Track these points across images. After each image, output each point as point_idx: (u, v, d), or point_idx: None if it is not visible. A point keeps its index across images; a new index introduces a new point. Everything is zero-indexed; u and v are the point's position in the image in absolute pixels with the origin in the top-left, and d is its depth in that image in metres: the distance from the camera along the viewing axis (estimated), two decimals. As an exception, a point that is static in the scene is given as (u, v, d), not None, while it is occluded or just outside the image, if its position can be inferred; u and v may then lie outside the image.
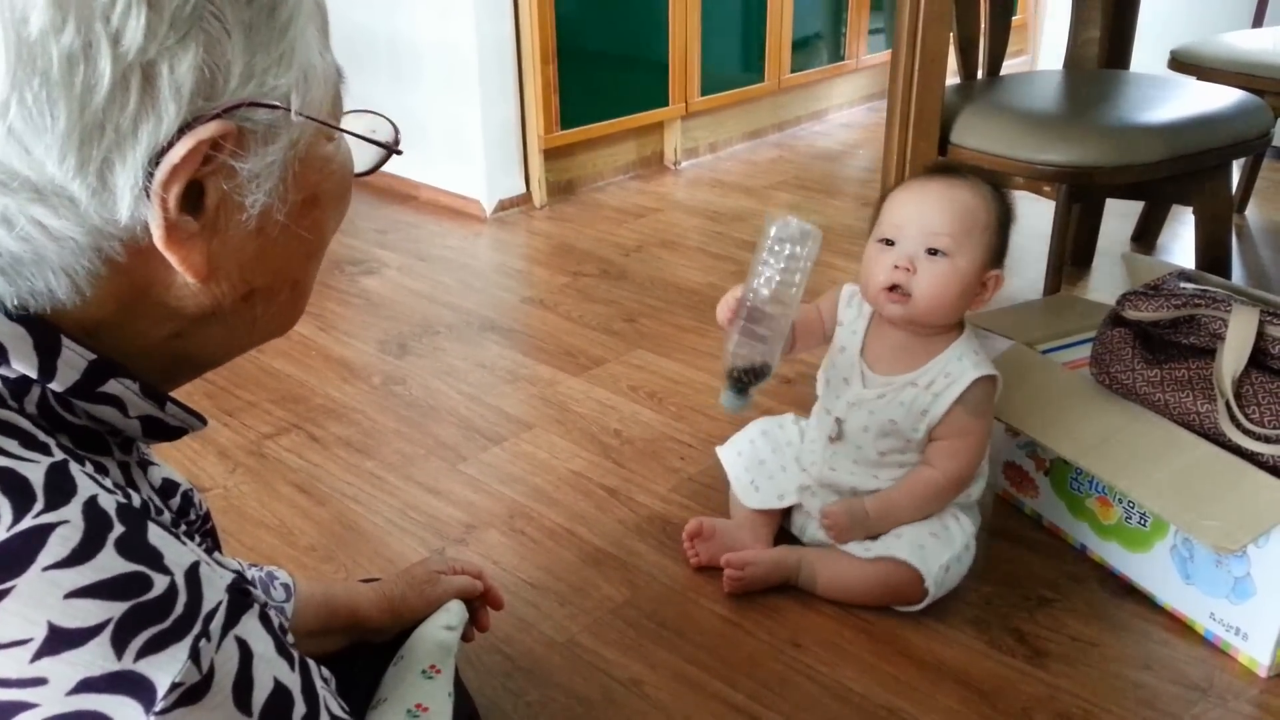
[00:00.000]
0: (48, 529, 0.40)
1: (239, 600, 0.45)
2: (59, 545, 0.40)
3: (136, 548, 0.42)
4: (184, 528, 0.51)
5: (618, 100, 2.74)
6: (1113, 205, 2.23)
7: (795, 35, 3.16)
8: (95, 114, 0.42)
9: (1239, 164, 2.33)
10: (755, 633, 1.17)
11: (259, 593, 0.48)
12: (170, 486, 0.59)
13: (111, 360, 0.48)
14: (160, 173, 0.44)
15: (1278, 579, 1.06)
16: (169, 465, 0.70)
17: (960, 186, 1.15)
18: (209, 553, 0.57)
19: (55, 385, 0.46)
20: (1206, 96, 1.73)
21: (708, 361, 1.81)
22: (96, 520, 0.41)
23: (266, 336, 0.55)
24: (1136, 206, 2.34)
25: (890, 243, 1.15)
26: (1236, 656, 1.12)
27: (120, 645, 0.39)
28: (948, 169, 1.22)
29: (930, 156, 1.73)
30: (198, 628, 0.42)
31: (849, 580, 1.19)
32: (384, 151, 0.57)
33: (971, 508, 1.24)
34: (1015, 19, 3.80)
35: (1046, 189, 1.69)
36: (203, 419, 0.54)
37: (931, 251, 1.12)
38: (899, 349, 1.19)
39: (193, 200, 0.46)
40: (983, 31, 1.88)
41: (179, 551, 0.43)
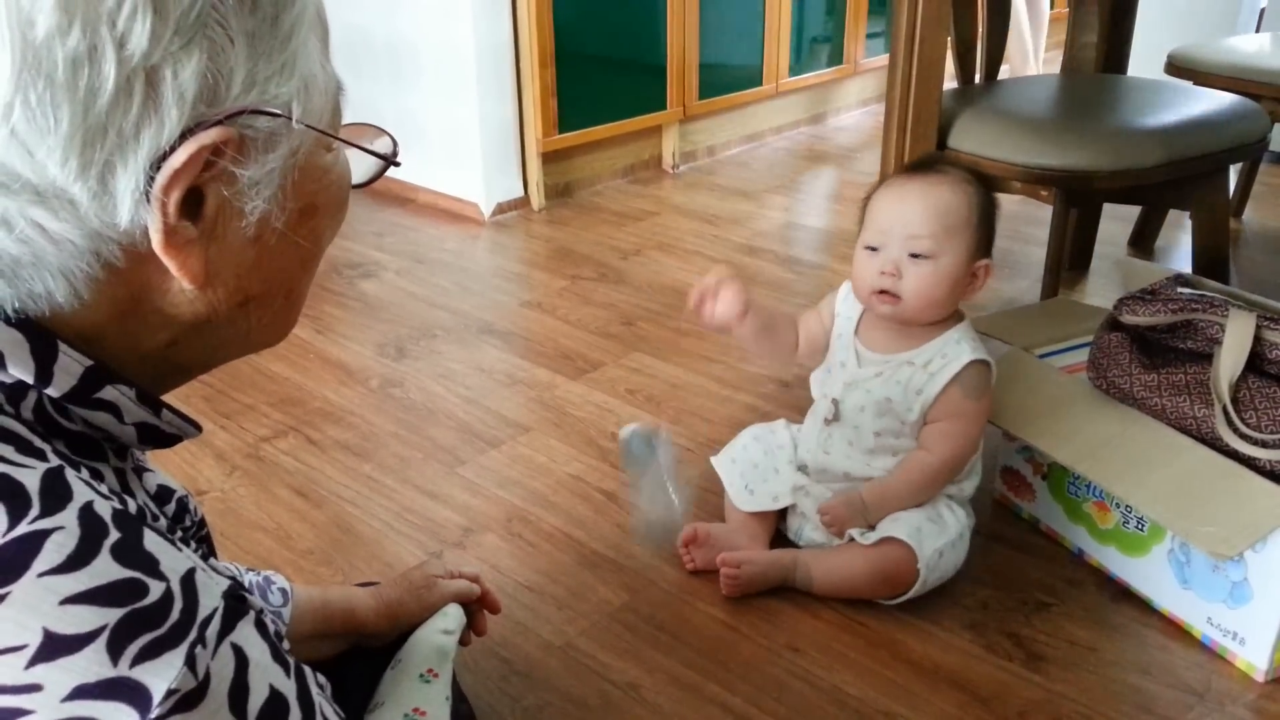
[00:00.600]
0: (43, 535, 0.40)
1: (235, 607, 0.45)
2: (54, 551, 0.40)
3: (132, 554, 0.42)
4: (179, 534, 0.51)
5: (616, 104, 2.75)
6: (1110, 209, 2.24)
7: (793, 39, 3.16)
8: (98, 117, 0.42)
9: (1236, 168, 2.34)
10: (752, 636, 1.17)
11: (255, 599, 0.48)
12: (165, 493, 0.59)
13: (108, 366, 0.48)
14: (161, 177, 0.44)
15: (1275, 583, 1.06)
16: (165, 469, 0.70)
17: (939, 184, 1.16)
18: (204, 559, 0.57)
19: (52, 391, 0.46)
20: (1204, 101, 1.73)
21: (706, 365, 1.81)
22: (92, 526, 0.41)
23: (260, 345, 0.55)
24: (1134, 211, 2.34)
25: (875, 248, 1.17)
26: (1234, 661, 1.12)
27: (116, 652, 0.39)
28: (927, 165, 1.21)
29: (928, 161, 1.73)
30: (193, 634, 0.42)
31: (844, 572, 1.20)
32: (382, 163, 0.58)
33: (965, 503, 1.24)
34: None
35: (1044, 193, 1.69)
36: (198, 426, 0.54)
37: (915, 255, 1.14)
38: (896, 330, 1.22)
39: (192, 206, 0.46)
40: (980, 35, 1.89)
41: (175, 557, 0.43)
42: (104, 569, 0.40)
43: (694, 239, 2.45)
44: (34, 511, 0.40)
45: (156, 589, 0.41)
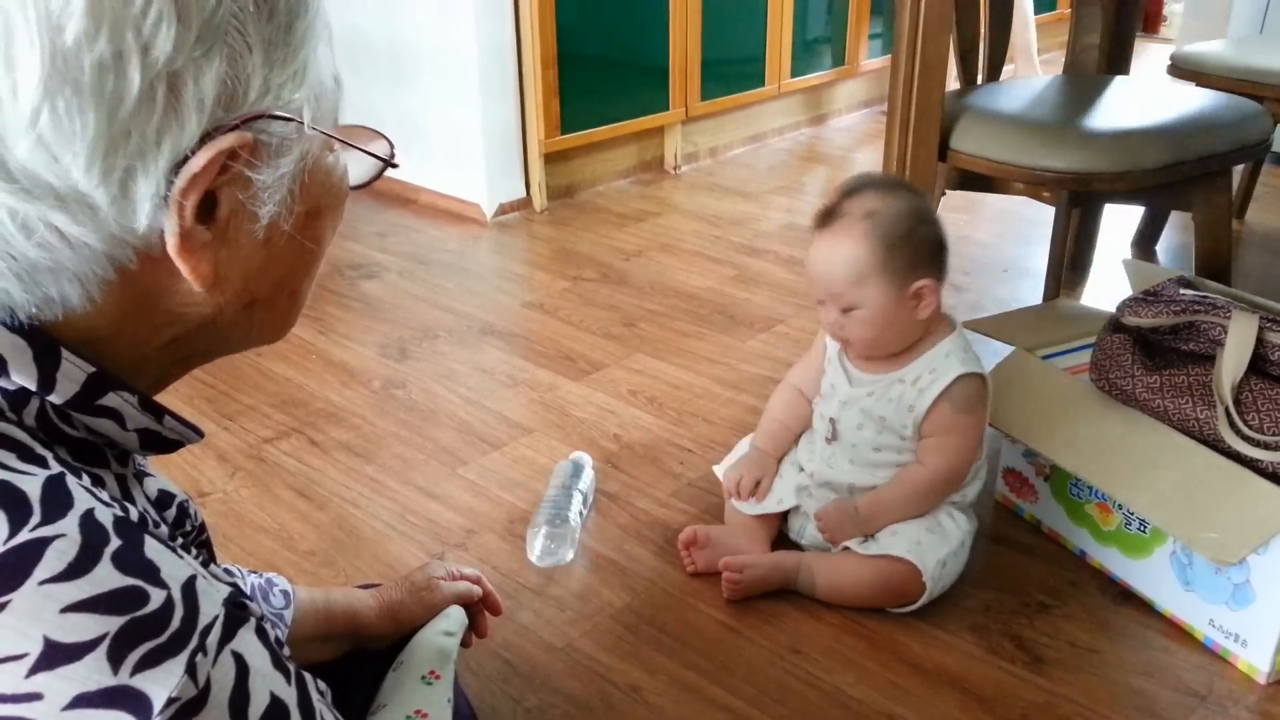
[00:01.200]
0: (44, 542, 0.40)
1: (236, 614, 0.45)
2: (55, 559, 0.40)
3: (133, 561, 0.42)
4: (180, 540, 0.51)
5: (618, 105, 2.75)
6: (1112, 211, 2.24)
7: (795, 40, 3.16)
8: (122, 123, 0.42)
9: (1239, 170, 2.33)
10: (755, 639, 1.17)
11: (256, 606, 0.48)
12: (166, 498, 0.59)
13: (110, 373, 0.48)
14: (180, 181, 0.44)
15: (1277, 586, 1.06)
16: (167, 470, 0.70)
17: (837, 237, 1.15)
18: (205, 564, 0.57)
19: (54, 398, 0.46)
20: (1206, 102, 1.73)
21: (707, 366, 1.81)
22: (93, 534, 0.41)
23: (259, 342, 0.56)
24: (1136, 212, 2.34)
25: (822, 301, 1.19)
26: (1235, 663, 1.12)
27: (116, 660, 0.39)
28: (833, 212, 1.17)
29: (930, 162, 1.73)
30: (194, 642, 0.41)
31: (848, 580, 1.19)
32: (378, 165, 0.58)
33: (968, 509, 1.24)
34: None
35: (1046, 194, 1.69)
36: (200, 432, 0.55)
37: (847, 307, 1.16)
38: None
39: (205, 210, 0.47)
40: (983, 36, 1.89)
41: (176, 565, 0.43)
42: (105, 577, 0.40)
43: (696, 240, 2.45)
44: (35, 519, 0.40)
45: (157, 597, 0.41)
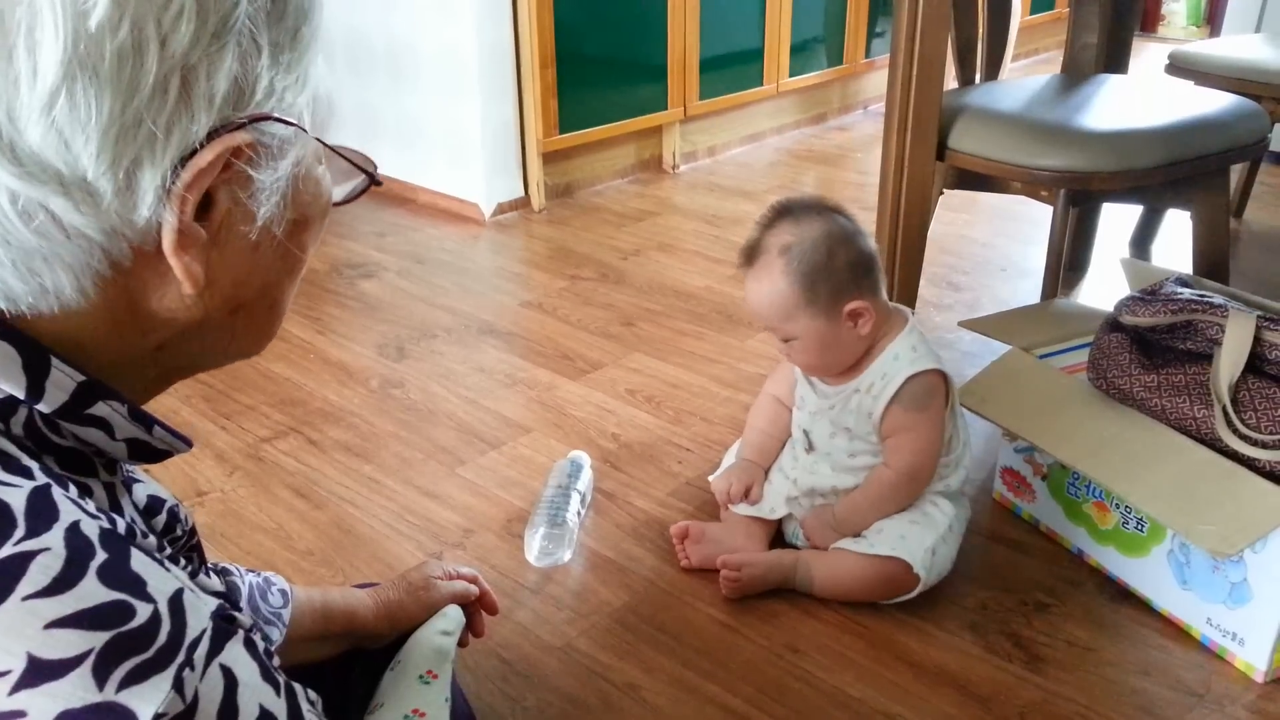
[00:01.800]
0: (28, 556, 0.39)
1: (224, 627, 0.44)
2: (39, 574, 0.39)
3: (119, 575, 0.41)
4: (168, 549, 0.51)
5: (617, 104, 2.75)
6: (1110, 210, 2.24)
7: (794, 39, 3.16)
8: (136, 111, 0.43)
9: (1236, 169, 2.33)
10: (753, 638, 1.17)
11: (245, 616, 0.47)
12: (155, 504, 0.58)
13: (100, 382, 0.48)
14: (186, 175, 0.45)
15: (1274, 584, 1.06)
16: (164, 471, 0.70)
17: (758, 276, 1.17)
18: (195, 570, 0.56)
19: (43, 406, 0.46)
20: (1204, 101, 1.73)
21: (706, 365, 1.81)
22: (78, 547, 0.41)
23: (239, 354, 0.56)
24: (1134, 211, 2.34)
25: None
26: (1233, 662, 1.12)
27: (102, 676, 0.39)
28: (753, 250, 1.19)
29: (928, 161, 1.73)
30: (181, 657, 0.41)
31: (845, 576, 1.20)
32: (359, 184, 0.59)
33: (955, 496, 1.24)
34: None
35: (1044, 193, 1.69)
36: (189, 442, 0.54)
37: (785, 338, 1.19)
38: None
39: (202, 209, 0.47)
40: (981, 35, 1.89)
41: (162, 578, 0.43)
42: (90, 591, 0.40)
43: (694, 239, 2.45)
44: (19, 532, 0.40)
45: (144, 611, 0.41)
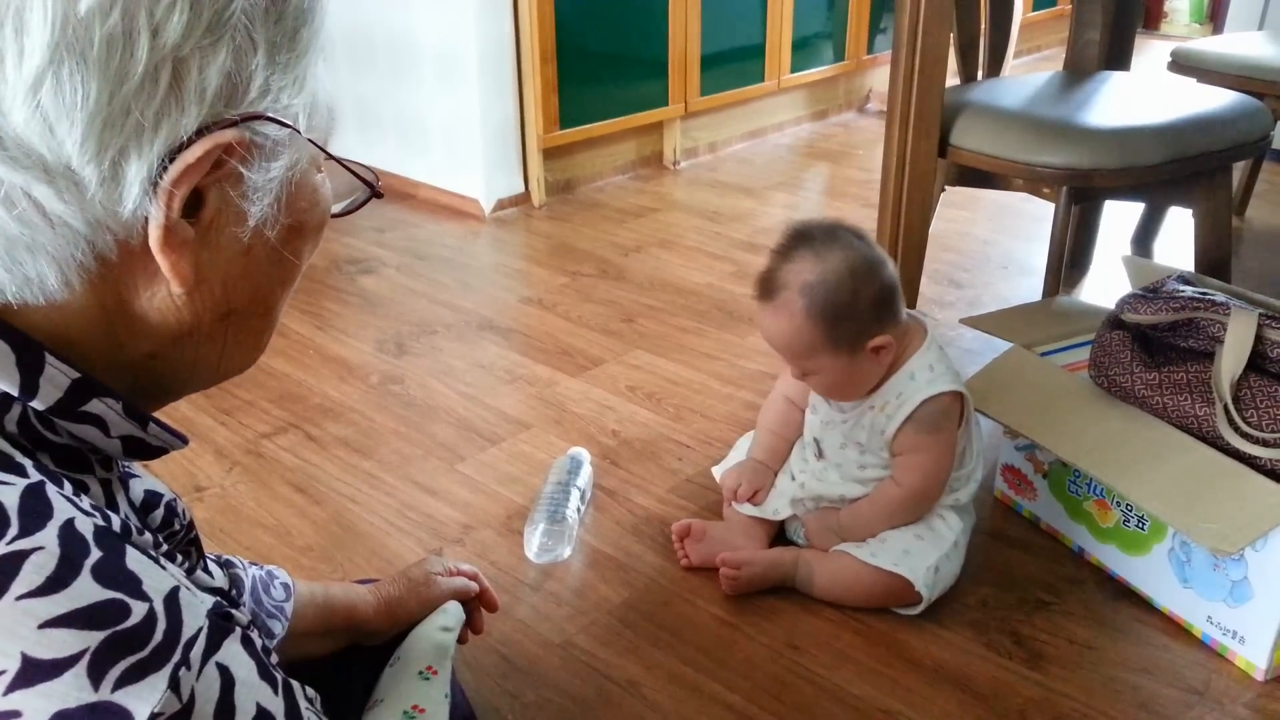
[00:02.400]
0: (22, 556, 0.39)
1: (220, 625, 0.44)
2: (33, 573, 0.39)
3: (114, 574, 0.41)
4: (164, 545, 0.50)
5: (617, 100, 2.74)
6: (1112, 207, 2.23)
7: (795, 35, 3.16)
8: (123, 101, 0.42)
9: (1239, 167, 2.33)
10: (753, 635, 1.17)
11: (242, 614, 0.47)
12: (153, 499, 0.58)
13: (94, 379, 0.47)
14: (174, 170, 0.44)
15: (1275, 582, 1.06)
16: (163, 467, 0.70)
17: (774, 315, 1.13)
18: (194, 565, 0.56)
19: (37, 403, 0.45)
20: (1206, 99, 1.73)
21: (706, 362, 1.81)
22: (73, 545, 0.40)
23: (230, 368, 0.55)
24: (1136, 209, 2.34)
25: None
26: (1233, 660, 1.12)
27: (97, 676, 0.38)
28: (769, 283, 1.14)
29: (930, 157, 1.73)
30: (177, 656, 0.41)
31: (846, 582, 1.19)
32: (360, 196, 0.58)
33: (964, 509, 1.24)
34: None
35: (1046, 191, 1.69)
36: (184, 439, 0.54)
37: (803, 373, 1.18)
38: None
39: (191, 208, 0.46)
40: (983, 32, 1.88)
41: (158, 576, 0.43)
42: (85, 591, 0.40)
43: (695, 235, 2.45)
44: (12, 531, 0.40)
45: (139, 610, 0.41)
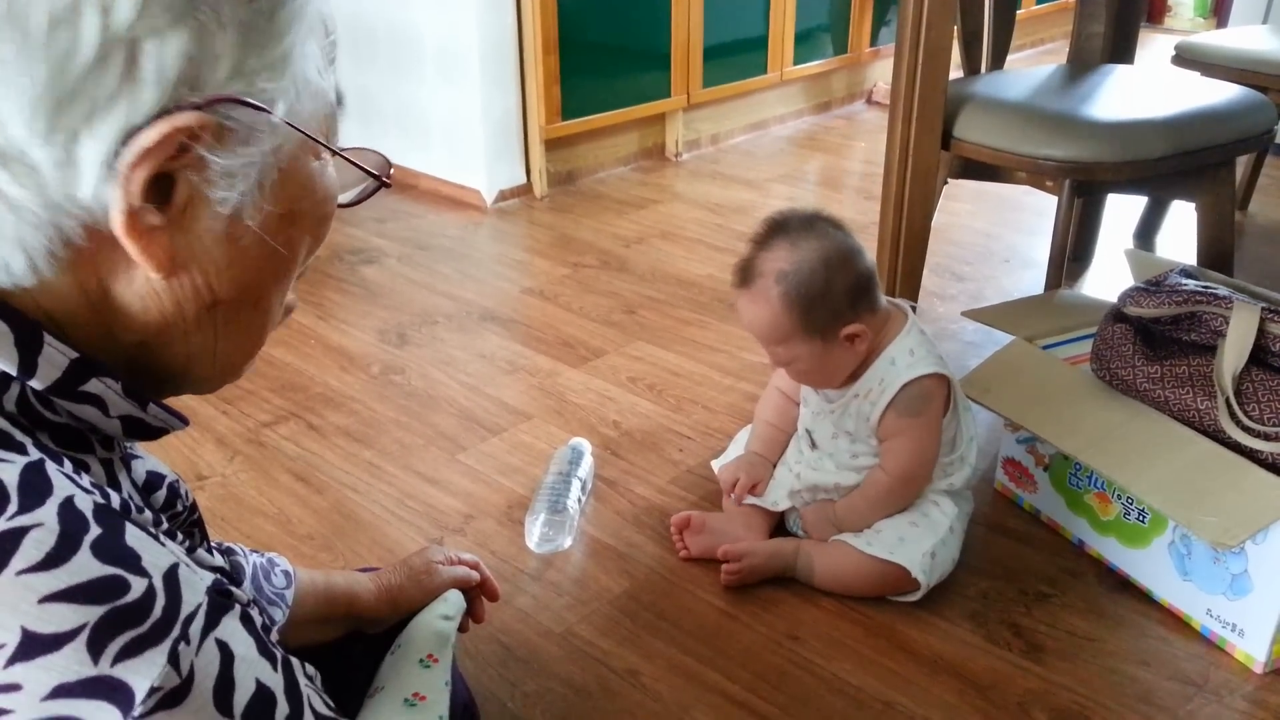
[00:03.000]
0: (21, 532, 0.39)
1: (219, 602, 0.44)
2: (33, 548, 0.39)
3: (113, 550, 0.41)
4: (166, 524, 0.50)
5: (620, 91, 2.74)
6: (1115, 201, 2.23)
7: (798, 27, 3.15)
8: (72, 82, 0.41)
9: (1242, 160, 2.33)
10: (753, 625, 1.17)
11: (242, 592, 0.47)
12: (155, 480, 0.57)
13: (94, 359, 0.47)
14: (129, 153, 0.43)
15: (1275, 576, 1.06)
16: (164, 455, 0.70)
17: (752, 302, 1.14)
18: (195, 546, 0.56)
19: (35, 383, 0.45)
20: (1210, 92, 1.73)
21: (707, 354, 1.81)
22: (72, 522, 0.41)
23: (229, 363, 0.54)
24: (1138, 202, 2.34)
25: None
26: (1233, 653, 1.12)
27: (97, 650, 0.39)
28: (746, 271, 1.15)
29: (933, 150, 1.73)
30: (176, 631, 0.41)
31: (846, 571, 1.20)
32: (369, 187, 0.57)
33: (959, 494, 1.24)
34: None
35: (1049, 184, 1.69)
36: (184, 419, 0.54)
37: (780, 360, 1.18)
38: None
39: (162, 192, 0.45)
40: (987, 25, 1.88)
41: (157, 553, 0.43)
42: (84, 566, 0.40)
43: (697, 227, 2.45)
44: (12, 508, 0.40)
45: (138, 586, 0.41)
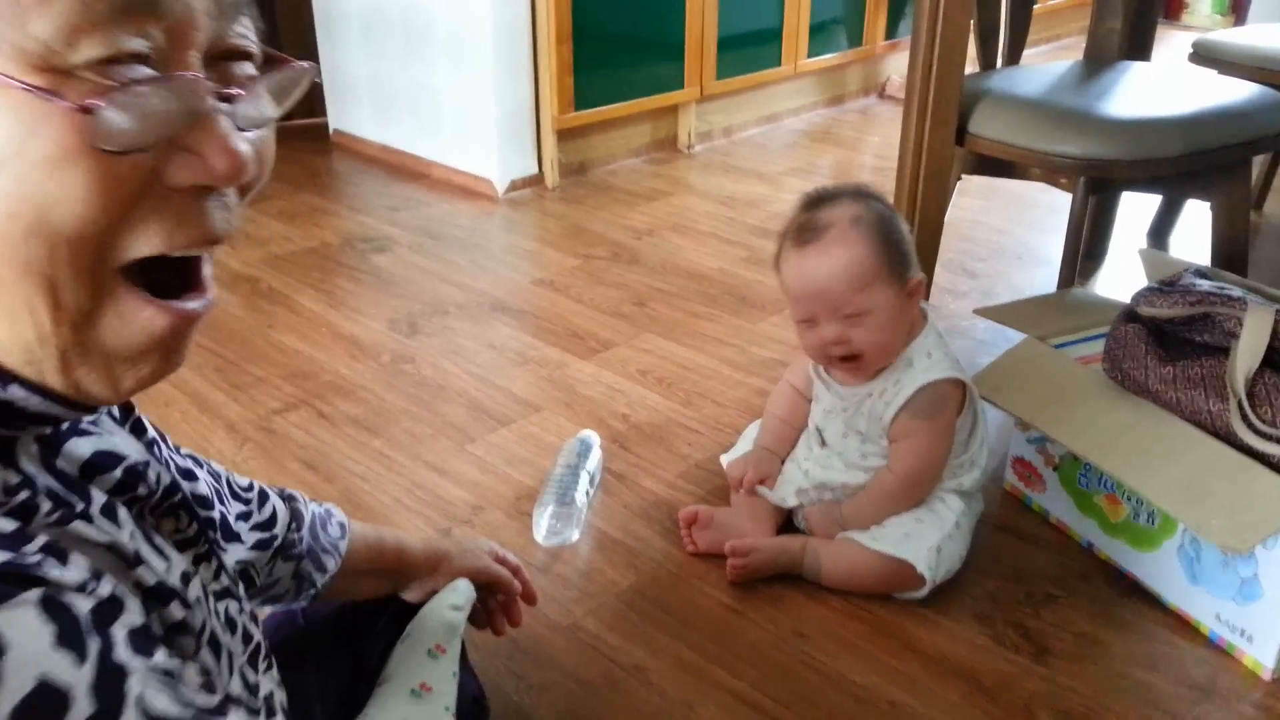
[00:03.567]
0: None
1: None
2: None
3: None
4: (127, 507, 0.49)
5: (633, 82, 2.73)
6: (1129, 199, 2.22)
7: (813, 19, 3.14)
8: None
9: (1258, 160, 2.31)
10: (759, 622, 1.17)
11: (55, 573, 0.41)
12: (106, 460, 0.52)
13: None
14: None
15: (1285, 581, 1.06)
16: (177, 440, 0.70)
17: (836, 246, 1.12)
18: (182, 529, 0.55)
19: None
20: (1227, 91, 1.71)
21: (717, 348, 1.81)
22: None
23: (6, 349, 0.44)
24: (1153, 201, 2.32)
25: (810, 319, 1.16)
26: (1241, 659, 1.12)
27: None
28: (811, 226, 1.15)
29: (947, 145, 1.72)
30: None
31: (854, 568, 1.20)
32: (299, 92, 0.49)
33: (969, 495, 1.24)
34: None
35: (1064, 181, 1.68)
36: (88, 408, 0.48)
37: (852, 316, 1.13)
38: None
39: None
40: (1003, 19, 1.86)
41: None
42: None
43: (709, 220, 2.44)
44: None
45: None
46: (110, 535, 0.46)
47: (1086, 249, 2.11)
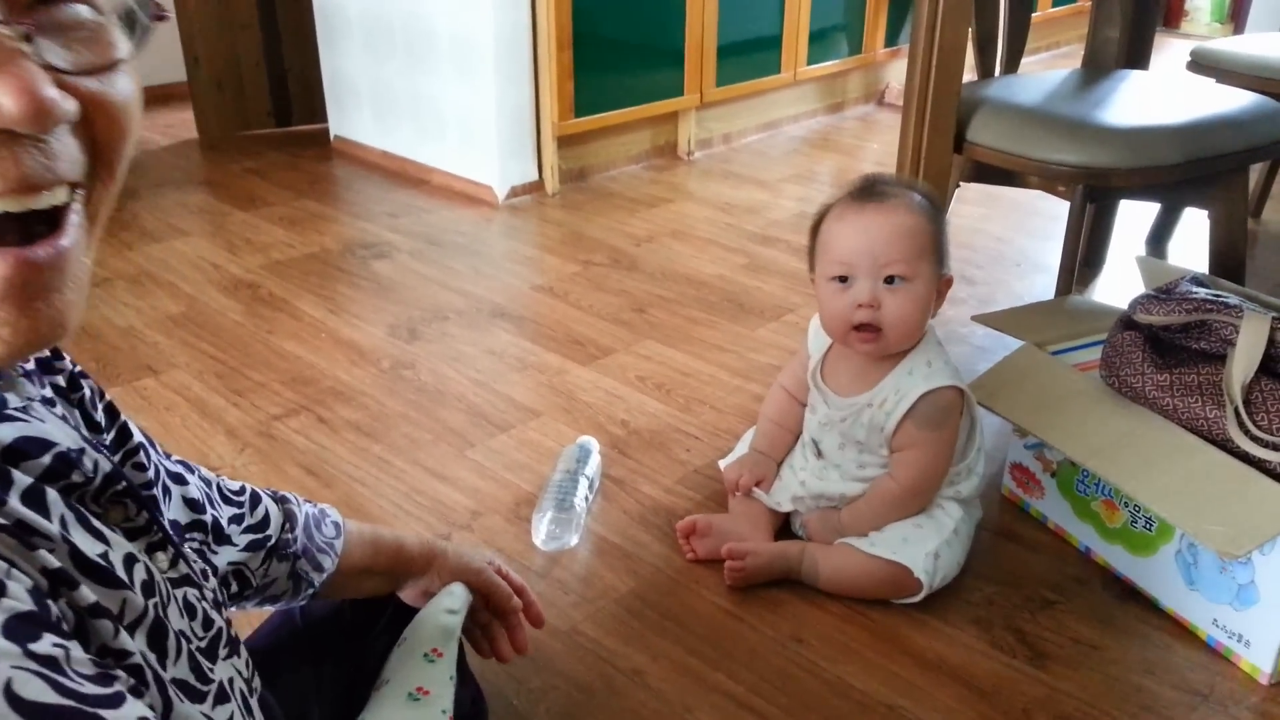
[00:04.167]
0: None
1: None
2: None
3: None
4: (54, 494, 0.48)
5: (633, 89, 2.74)
6: (1126, 207, 2.22)
7: (813, 27, 3.15)
8: None
9: (1256, 168, 2.32)
10: (758, 626, 1.18)
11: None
12: (31, 446, 0.51)
13: None
14: None
15: (1282, 587, 1.06)
16: (174, 445, 0.70)
17: (899, 209, 1.13)
18: (130, 518, 0.54)
19: None
20: (1225, 99, 1.72)
21: (716, 354, 1.81)
22: None
23: None
24: (1151, 209, 2.33)
25: (844, 279, 1.14)
26: (1238, 663, 1.12)
27: None
28: (874, 190, 1.16)
29: (945, 153, 1.72)
30: None
31: (851, 573, 1.20)
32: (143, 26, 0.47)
33: (967, 502, 1.24)
34: None
35: (1061, 189, 1.68)
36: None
37: (890, 280, 1.12)
38: (856, 372, 1.22)
39: None
40: (1002, 27, 1.87)
41: None
42: None
43: (708, 227, 2.45)
44: None
45: None
46: (20, 518, 0.45)
47: (1085, 256, 2.11)
